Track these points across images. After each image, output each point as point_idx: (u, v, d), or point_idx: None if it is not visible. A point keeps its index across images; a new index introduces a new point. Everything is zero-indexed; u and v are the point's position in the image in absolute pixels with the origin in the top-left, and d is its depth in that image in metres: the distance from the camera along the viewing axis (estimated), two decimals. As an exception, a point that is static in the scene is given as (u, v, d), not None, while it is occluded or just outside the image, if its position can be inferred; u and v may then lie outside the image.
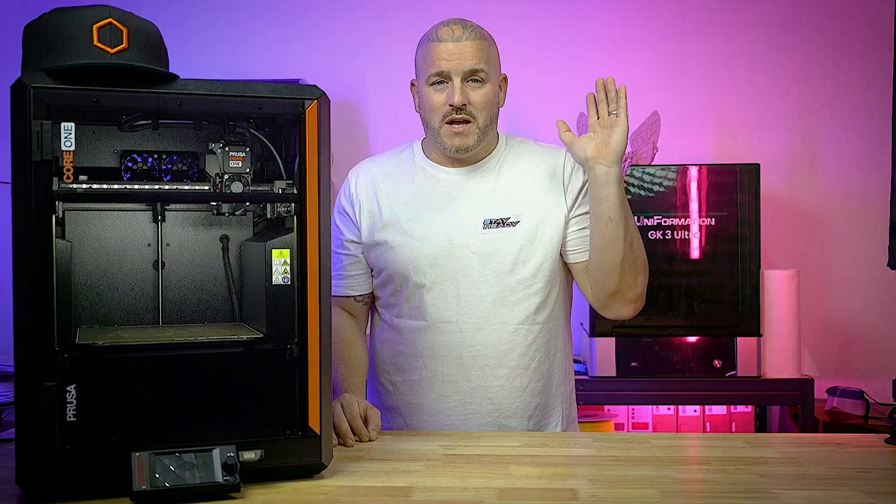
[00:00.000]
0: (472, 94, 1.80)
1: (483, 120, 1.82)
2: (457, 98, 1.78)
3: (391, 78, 3.39)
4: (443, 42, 1.79)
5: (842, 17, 3.38)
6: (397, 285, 1.87)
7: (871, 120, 3.34)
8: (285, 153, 1.49)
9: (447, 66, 1.78)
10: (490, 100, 1.82)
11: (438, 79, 1.80)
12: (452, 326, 1.84)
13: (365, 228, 1.90)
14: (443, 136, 1.83)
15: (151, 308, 1.55)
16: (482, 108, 1.81)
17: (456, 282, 1.83)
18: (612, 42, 3.42)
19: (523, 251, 1.83)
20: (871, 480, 1.41)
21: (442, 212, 1.86)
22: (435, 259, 1.83)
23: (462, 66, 1.78)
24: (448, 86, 1.80)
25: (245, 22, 3.46)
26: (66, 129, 1.32)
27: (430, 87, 1.82)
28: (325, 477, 1.41)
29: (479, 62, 1.79)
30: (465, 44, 1.79)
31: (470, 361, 1.84)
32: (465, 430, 1.84)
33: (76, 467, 1.29)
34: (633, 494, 1.32)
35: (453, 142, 1.82)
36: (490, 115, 1.83)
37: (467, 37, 1.79)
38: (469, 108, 1.80)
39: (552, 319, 1.88)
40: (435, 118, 1.82)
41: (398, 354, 1.89)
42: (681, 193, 2.98)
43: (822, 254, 3.37)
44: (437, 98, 1.81)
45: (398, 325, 1.89)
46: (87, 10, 1.35)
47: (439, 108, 1.81)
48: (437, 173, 1.90)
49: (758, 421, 3.23)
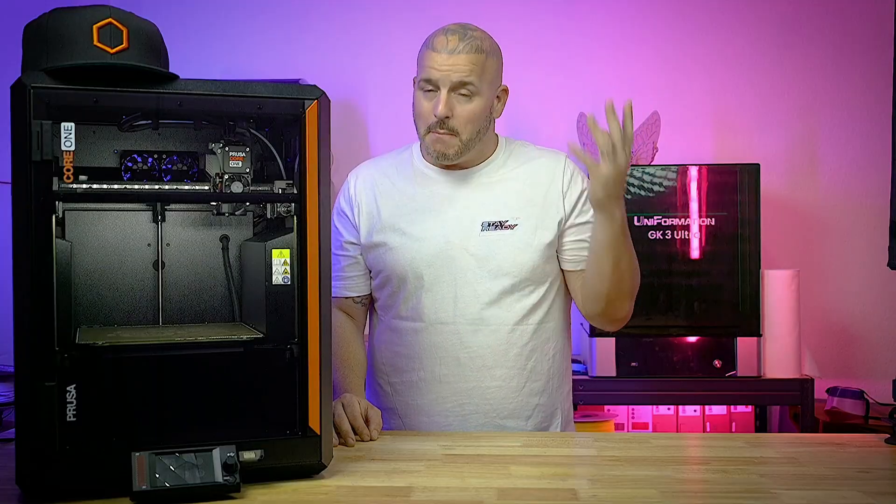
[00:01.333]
0: (457, 108, 1.79)
1: (467, 134, 1.81)
2: (440, 109, 1.77)
3: (391, 78, 3.39)
4: (436, 52, 1.78)
5: (842, 17, 3.38)
6: (395, 286, 1.87)
7: (871, 120, 3.34)
8: (285, 153, 1.49)
9: (436, 76, 1.78)
10: (476, 115, 1.80)
11: (427, 86, 1.80)
12: (450, 328, 1.84)
13: (364, 230, 1.90)
14: (427, 141, 1.84)
15: (151, 308, 1.55)
16: (466, 122, 1.80)
17: (453, 283, 1.84)
18: (612, 42, 3.42)
19: (520, 254, 1.83)
20: (871, 480, 1.41)
21: (440, 214, 1.86)
22: (433, 260, 1.84)
23: (450, 77, 1.77)
24: (436, 94, 1.79)
25: (245, 22, 3.46)
26: (66, 129, 1.32)
27: (421, 91, 1.82)
28: (325, 477, 1.41)
29: (470, 75, 1.77)
30: (457, 56, 1.77)
31: (467, 362, 1.84)
32: (462, 431, 1.84)
33: (76, 467, 1.29)
34: (633, 494, 1.32)
35: (435, 147, 1.83)
36: (476, 128, 1.82)
37: (462, 49, 1.77)
38: (451, 122, 1.79)
39: (549, 320, 1.88)
40: (421, 124, 1.84)
41: (396, 356, 1.89)
42: (681, 193, 2.98)
43: (822, 254, 3.37)
44: (425, 105, 1.81)
45: (396, 327, 1.89)
46: (87, 10, 1.35)
47: (425, 116, 1.82)
48: (436, 175, 1.90)
49: (758, 421, 3.23)
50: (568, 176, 1.88)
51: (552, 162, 1.90)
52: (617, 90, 3.36)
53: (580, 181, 1.89)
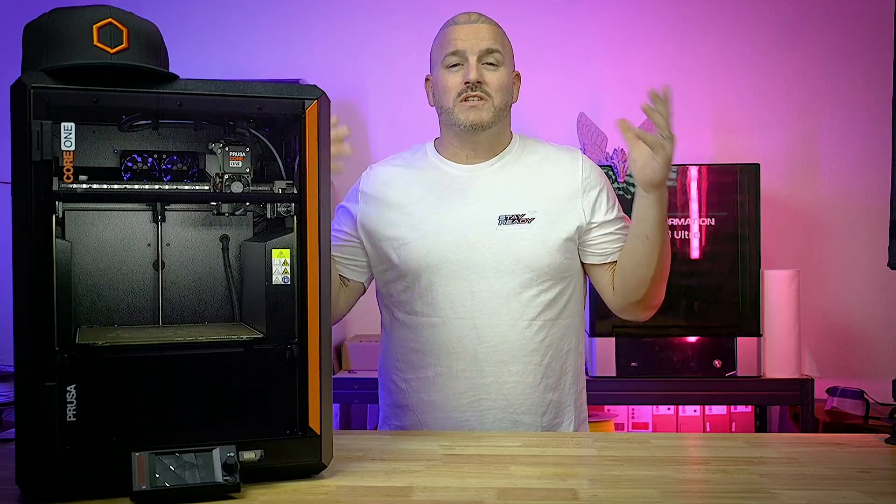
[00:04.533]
0: (487, 75, 1.82)
1: (498, 100, 1.83)
2: (472, 74, 1.80)
3: (391, 78, 3.39)
4: (459, 24, 1.83)
5: (842, 17, 3.38)
6: (409, 281, 1.86)
7: (871, 120, 3.34)
8: (285, 153, 1.49)
9: (463, 46, 1.81)
10: (505, 83, 1.84)
11: (454, 59, 1.82)
12: (467, 322, 1.83)
13: (374, 223, 1.89)
14: (457, 112, 1.83)
15: (151, 308, 1.55)
16: (497, 88, 1.82)
17: (470, 278, 1.83)
18: (612, 42, 3.42)
19: (538, 248, 1.83)
20: (871, 480, 1.41)
21: (456, 208, 1.86)
22: (448, 255, 1.83)
23: (478, 45, 1.80)
24: (463, 67, 1.82)
25: (245, 22, 3.47)
26: (66, 129, 1.32)
27: (446, 69, 1.83)
28: (325, 477, 1.41)
29: (496, 43, 1.82)
30: (481, 26, 1.82)
31: (484, 357, 1.84)
32: (479, 426, 1.84)
33: (76, 467, 1.28)
34: (633, 494, 1.32)
35: (468, 116, 1.82)
36: (505, 98, 1.85)
37: (484, 21, 1.84)
38: (484, 87, 1.81)
39: (566, 317, 1.88)
40: (449, 98, 1.83)
41: (411, 352, 1.88)
42: (681, 193, 2.98)
43: (822, 254, 3.37)
44: (453, 79, 1.82)
45: (411, 322, 1.88)
46: (87, 10, 1.35)
47: (454, 88, 1.82)
48: (451, 170, 1.90)
49: (758, 421, 3.23)
50: (586, 174, 1.89)
51: (569, 159, 1.91)
52: (617, 90, 3.39)
53: (598, 180, 1.90)
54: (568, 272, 1.88)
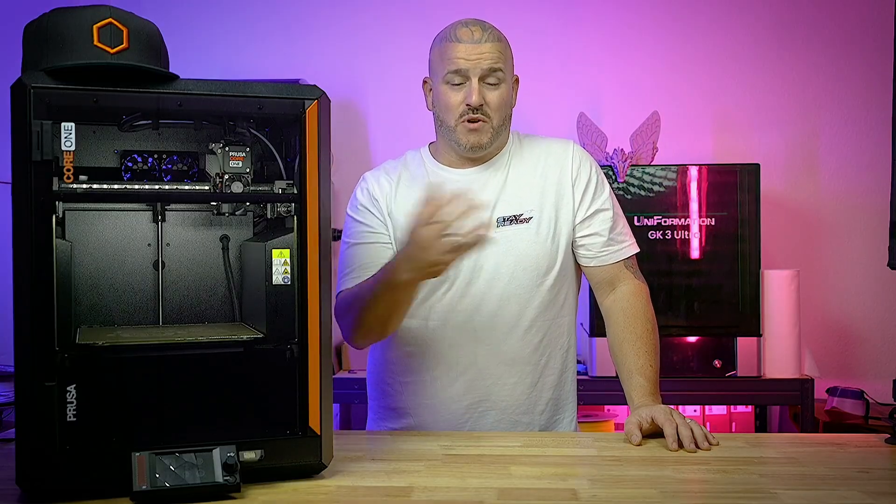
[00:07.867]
0: (488, 95, 1.81)
1: (497, 120, 1.83)
2: (474, 98, 1.79)
3: (391, 78, 3.39)
4: (462, 43, 1.81)
5: (842, 18, 3.38)
6: None
7: (871, 120, 3.34)
8: (285, 153, 1.49)
9: (465, 66, 1.80)
10: (505, 101, 1.84)
11: (456, 78, 1.81)
12: (466, 325, 1.83)
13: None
14: (459, 133, 1.83)
15: (151, 308, 1.55)
16: (497, 108, 1.83)
17: (469, 280, 1.83)
18: (612, 43, 3.42)
19: (537, 247, 1.83)
20: (871, 480, 1.41)
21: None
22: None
23: (480, 66, 1.80)
24: (465, 85, 1.81)
25: (245, 22, 3.47)
26: (66, 129, 1.32)
27: (447, 85, 1.83)
28: (325, 477, 1.41)
29: (497, 62, 1.81)
30: (484, 45, 1.81)
31: (483, 361, 1.84)
32: (478, 427, 1.84)
33: (76, 467, 1.28)
34: (633, 494, 1.32)
35: (469, 139, 1.83)
36: (504, 115, 1.85)
37: (486, 38, 1.81)
38: (485, 109, 1.81)
39: (564, 315, 1.89)
40: (451, 117, 1.83)
41: (408, 355, 1.88)
42: (681, 193, 2.98)
43: (822, 254, 3.37)
44: (454, 97, 1.82)
45: (409, 325, 1.86)
46: (87, 10, 1.35)
47: (456, 108, 1.82)
48: (449, 175, 1.90)
49: (758, 421, 3.23)
50: (577, 163, 1.89)
51: (560, 150, 1.92)
52: (617, 90, 3.39)
53: (588, 169, 1.90)
54: (566, 271, 1.88)
